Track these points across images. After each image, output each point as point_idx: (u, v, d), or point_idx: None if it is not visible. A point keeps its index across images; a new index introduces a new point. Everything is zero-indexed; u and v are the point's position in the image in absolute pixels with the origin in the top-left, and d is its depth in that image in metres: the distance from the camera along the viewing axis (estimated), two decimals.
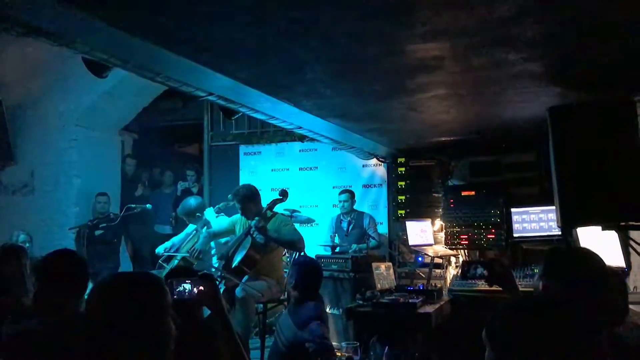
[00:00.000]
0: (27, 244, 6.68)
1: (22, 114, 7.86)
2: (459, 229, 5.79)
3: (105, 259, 7.16)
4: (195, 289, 2.25)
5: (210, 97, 3.61)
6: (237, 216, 5.49)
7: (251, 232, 5.12)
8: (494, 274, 2.65)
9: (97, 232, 7.26)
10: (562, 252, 2.34)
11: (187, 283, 2.25)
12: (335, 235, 6.77)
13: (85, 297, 2.56)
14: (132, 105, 8.35)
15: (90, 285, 2.54)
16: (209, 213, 6.12)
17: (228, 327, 2.35)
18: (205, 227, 5.81)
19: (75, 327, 2.22)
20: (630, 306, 2.72)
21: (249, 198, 5.23)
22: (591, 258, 2.15)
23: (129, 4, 2.37)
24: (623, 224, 3.67)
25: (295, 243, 5.19)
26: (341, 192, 6.87)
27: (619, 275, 2.70)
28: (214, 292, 2.30)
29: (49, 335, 2.23)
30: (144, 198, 8.12)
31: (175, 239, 6.08)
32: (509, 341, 1.66)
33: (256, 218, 5.12)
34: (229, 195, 5.72)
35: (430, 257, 5.55)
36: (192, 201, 6.23)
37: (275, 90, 3.74)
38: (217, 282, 4.91)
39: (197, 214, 6.01)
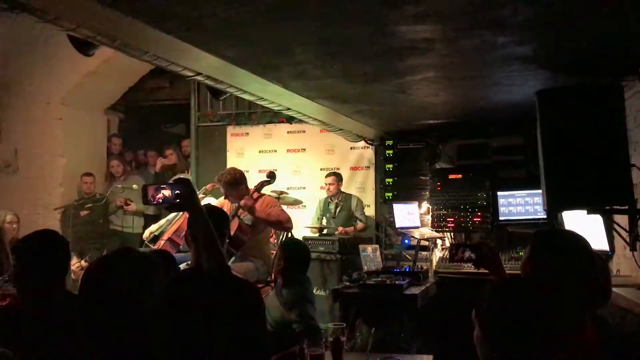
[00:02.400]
0: (14, 225, 6.63)
1: (5, 93, 7.75)
2: (445, 212, 5.82)
3: (90, 239, 7.13)
4: (172, 194, 2.29)
5: (198, 77, 3.57)
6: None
7: (237, 214, 5.10)
8: (482, 257, 2.67)
9: (83, 213, 7.22)
10: (548, 234, 2.36)
11: (164, 189, 2.29)
12: (322, 217, 6.79)
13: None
14: (118, 84, 8.27)
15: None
16: None
17: (205, 222, 2.38)
18: None
19: (58, 306, 2.22)
20: (614, 289, 2.76)
21: (230, 184, 5.16)
22: (577, 240, 2.17)
23: None
24: (608, 208, 3.70)
25: (283, 222, 5.18)
26: (327, 175, 6.87)
27: (602, 258, 2.73)
28: (190, 192, 2.34)
29: (31, 315, 2.22)
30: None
31: (161, 221, 6.04)
32: (497, 321, 1.68)
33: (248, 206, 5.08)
34: (216, 177, 5.67)
35: (416, 240, 5.58)
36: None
37: (264, 71, 3.70)
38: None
39: None
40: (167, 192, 2.31)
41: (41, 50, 7.40)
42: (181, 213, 5.82)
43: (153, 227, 5.91)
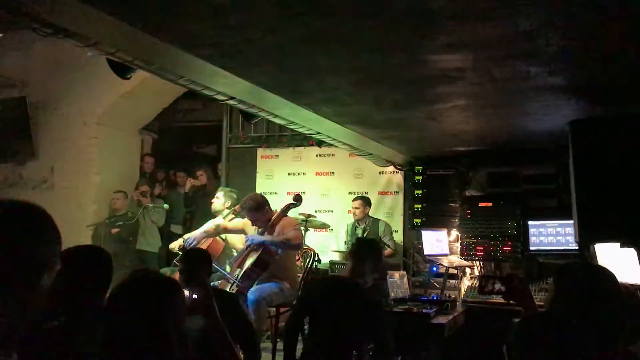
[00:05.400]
0: None
1: (44, 111, 7.98)
2: (474, 240, 5.74)
3: (120, 257, 7.20)
4: (190, 297, 2.29)
5: (230, 101, 3.64)
6: None
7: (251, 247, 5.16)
8: (512, 290, 2.62)
9: (114, 230, 7.32)
10: (573, 268, 2.30)
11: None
12: (350, 242, 6.76)
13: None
14: (153, 105, 8.44)
15: None
16: (218, 221, 6.09)
17: (222, 334, 2.38)
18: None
19: (97, 324, 2.23)
20: None
21: (255, 209, 5.25)
22: (602, 275, 2.11)
23: (154, 8, 2.41)
24: None
25: (290, 241, 5.15)
26: (354, 199, 6.86)
27: (633, 293, 2.66)
28: (208, 300, 2.33)
29: (72, 333, 2.22)
30: (161, 197, 8.17)
31: (187, 235, 6.06)
32: (526, 356, 1.67)
33: (250, 238, 5.19)
34: (239, 207, 5.76)
35: (445, 267, 5.51)
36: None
37: (296, 97, 3.75)
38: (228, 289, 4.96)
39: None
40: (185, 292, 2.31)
41: (79, 71, 7.62)
42: (206, 229, 5.87)
43: (181, 242, 5.92)
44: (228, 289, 4.91)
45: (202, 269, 3.39)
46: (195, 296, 2.32)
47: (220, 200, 6.13)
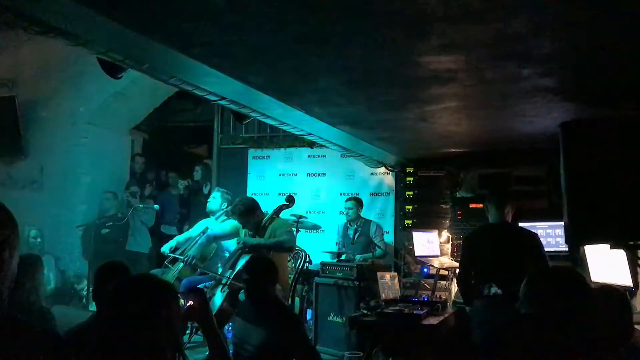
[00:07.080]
0: (39, 239, 6.70)
1: (34, 111, 7.91)
2: None
3: (111, 258, 7.15)
4: (185, 304, 2.25)
5: (222, 102, 3.63)
6: None
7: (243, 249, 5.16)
8: (509, 294, 2.61)
9: (104, 231, 7.28)
10: (540, 273, 2.24)
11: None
12: (341, 243, 6.76)
13: None
14: (144, 105, 8.40)
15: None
16: (210, 222, 6.06)
17: (218, 343, 2.33)
18: (204, 234, 5.80)
19: None
20: (638, 327, 2.69)
21: (245, 213, 5.26)
22: (571, 278, 2.07)
23: (145, 6, 2.39)
24: (632, 243, 3.64)
25: (283, 244, 5.15)
26: (347, 200, 6.86)
27: (622, 295, 2.66)
28: (203, 307, 2.29)
29: None
30: (151, 198, 8.13)
31: (179, 237, 6.07)
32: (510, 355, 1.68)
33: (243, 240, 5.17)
34: (229, 211, 5.74)
35: (435, 269, 5.52)
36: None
37: (288, 97, 3.74)
38: (220, 289, 4.94)
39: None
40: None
41: (69, 70, 7.57)
42: (201, 232, 5.85)
43: (172, 243, 5.92)
44: (220, 290, 4.90)
45: (268, 279, 3.39)
46: (190, 302, 2.28)
47: (217, 201, 6.11)
